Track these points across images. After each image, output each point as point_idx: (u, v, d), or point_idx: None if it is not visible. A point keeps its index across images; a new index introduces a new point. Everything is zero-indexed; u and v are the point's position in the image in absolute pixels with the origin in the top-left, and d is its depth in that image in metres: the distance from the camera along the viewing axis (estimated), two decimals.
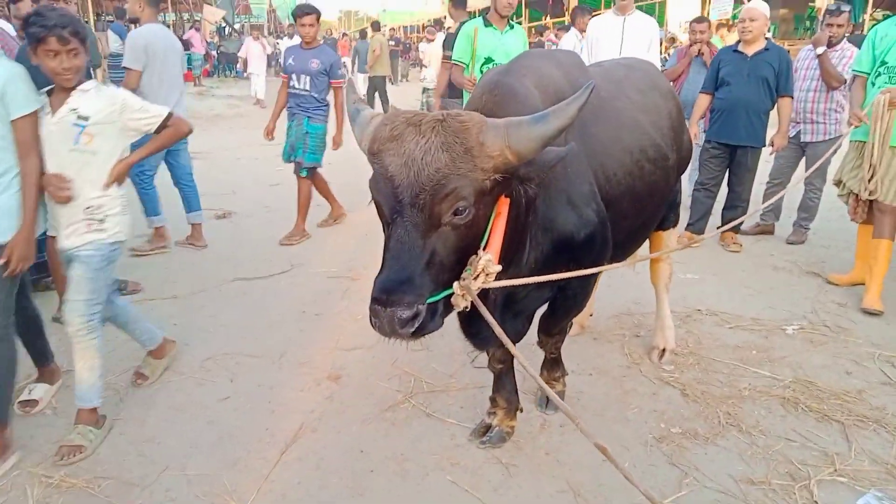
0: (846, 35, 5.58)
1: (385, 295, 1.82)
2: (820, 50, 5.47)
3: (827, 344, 4.02)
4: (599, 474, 2.82)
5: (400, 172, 1.89)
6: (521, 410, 3.16)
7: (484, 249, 2.00)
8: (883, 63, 4.44)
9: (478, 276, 1.94)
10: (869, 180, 4.46)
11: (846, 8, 5.47)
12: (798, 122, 5.75)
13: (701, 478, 2.80)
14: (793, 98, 5.45)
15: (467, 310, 2.01)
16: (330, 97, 5.97)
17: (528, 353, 3.41)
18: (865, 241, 4.76)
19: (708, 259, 5.55)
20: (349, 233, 6.32)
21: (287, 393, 3.50)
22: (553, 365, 3.31)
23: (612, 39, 5.92)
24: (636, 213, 2.97)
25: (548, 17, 27.86)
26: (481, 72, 5.30)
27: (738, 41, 5.57)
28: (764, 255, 5.74)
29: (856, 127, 4.50)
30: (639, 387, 3.52)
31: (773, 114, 5.59)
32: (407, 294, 1.82)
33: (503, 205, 2.09)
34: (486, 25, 5.31)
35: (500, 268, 2.01)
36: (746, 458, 2.94)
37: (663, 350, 3.78)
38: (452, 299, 1.97)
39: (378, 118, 2.06)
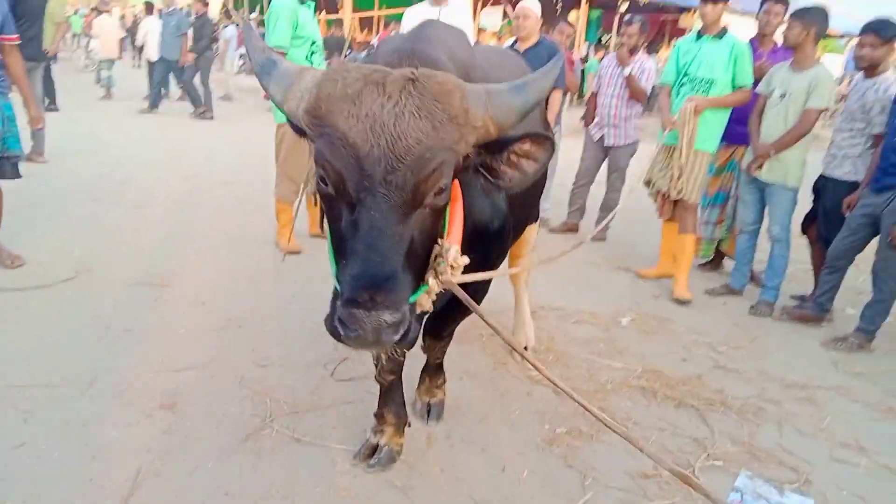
0: (642, 45, 6.09)
1: (368, 295, 1.44)
2: (626, 71, 5.92)
3: (658, 333, 4.30)
4: (501, 487, 2.64)
5: (365, 141, 1.51)
6: (409, 425, 2.85)
7: (443, 238, 1.71)
8: (686, 74, 4.90)
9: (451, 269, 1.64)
10: (677, 180, 4.89)
11: (637, 19, 5.98)
12: (603, 126, 6.17)
13: (599, 477, 2.76)
14: (561, 90, 5.83)
15: (429, 311, 1.69)
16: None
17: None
18: (670, 237, 5.22)
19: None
20: (147, 232, 5.41)
21: (109, 430, 2.78)
22: (437, 371, 3.06)
23: None
24: (524, 202, 2.84)
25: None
26: (309, 60, 4.85)
27: (516, 40, 5.81)
28: (576, 252, 6.04)
29: (668, 132, 4.90)
30: (512, 388, 3.42)
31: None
32: (392, 292, 1.46)
33: (456, 188, 1.80)
34: (301, 2, 4.84)
35: (467, 260, 1.72)
36: (631, 452, 2.95)
37: (525, 348, 3.73)
38: (419, 298, 1.64)
39: (313, 73, 1.65)
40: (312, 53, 4.92)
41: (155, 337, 3.63)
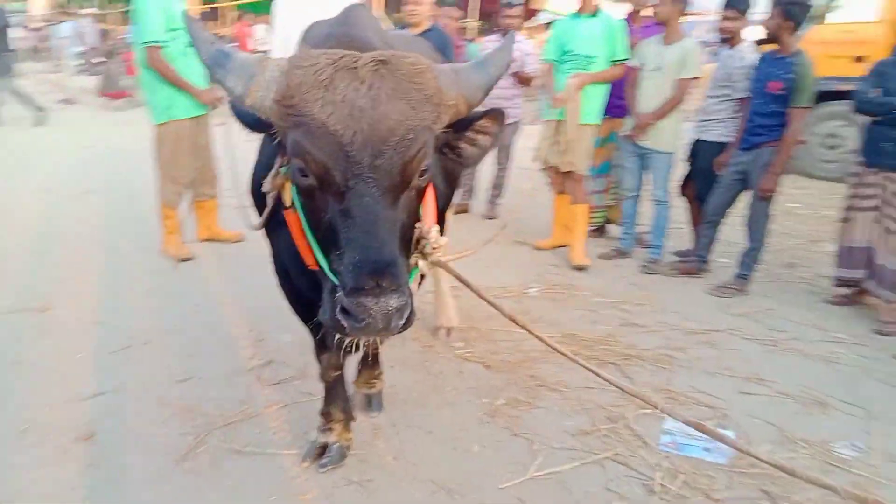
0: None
1: (374, 281, 1.39)
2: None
3: (566, 300, 4.50)
4: (456, 464, 2.68)
5: (347, 127, 1.46)
6: (355, 419, 2.80)
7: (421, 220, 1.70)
8: (567, 52, 5.11)
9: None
10: (565, 154, 5.10)
11: (518, 1, 6.16)
12: None
13: (545, 440, 2.86)
14: None
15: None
16: None
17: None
18: (563, 209, 5.45)
19: None
20: (12, 253, 4.87)
21: (21, 474, 2.51)
22: (374, 363, 3.01)
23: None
24: (454, 181, 2.87)
25: None
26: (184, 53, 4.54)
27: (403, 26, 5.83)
28: (472, 230, 6.18)
29: (556, 108, 5.09)
30: (444, 369, 3.45)
31: None
32: (397, 277, 1.43)
33: None
34: None
35: (447, 240, 1.72)
36: (569, 413, 3.10)
37: (449, 329, 3.76)
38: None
39: (276, 62, 1.57)
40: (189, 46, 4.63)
41: (50, 366, 3.31)
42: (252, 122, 1.65)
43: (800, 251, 5.84)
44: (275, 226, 2.20)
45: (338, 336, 1.75)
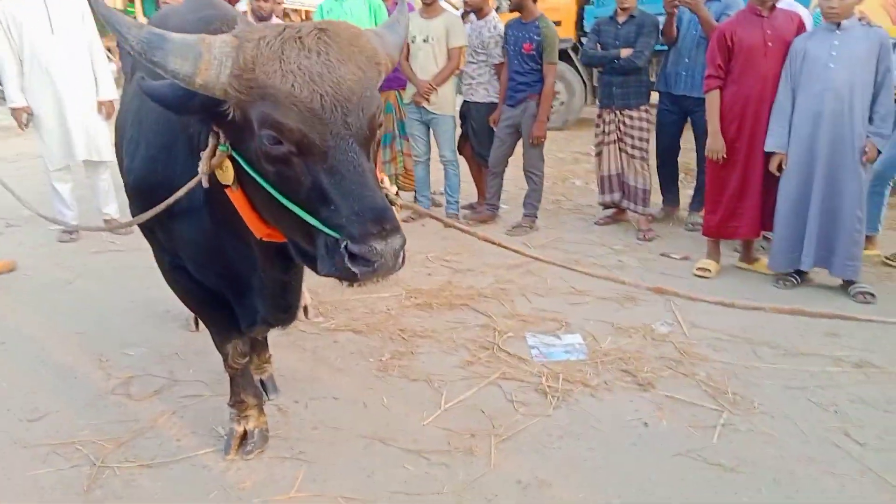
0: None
1: (382, 225, 1.49)
2: None
3: None
4: (377, 417, 2.82)
5: (313, 93, 1.52)
6: (265, 401, 2.77)
7: None
8: None
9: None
10: None
11: None
12: None
13: (440, 377, 3.12)
14: None
15: None
16: None
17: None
18: None
19: None
20: None
21: None
22: (263, 347, 2.97)
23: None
24: None
25: None
26: None
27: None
28: None
29: None
30: (318, 343, 3.49)
31: None
32: (394, 218, 1.54)
33: None
34: None
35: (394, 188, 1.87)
36: (447, 351, 3.39)
37: (305, 307, 3.79)
38: None
39: (218, 39, 1.57)
40: None
41: None
42: (179, 102, 1.63)
43: (557, 188, 6.83)
44: (169, 219, 2.11)
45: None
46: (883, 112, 3.85)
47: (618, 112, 5.25)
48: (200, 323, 3.61)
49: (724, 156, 4.26)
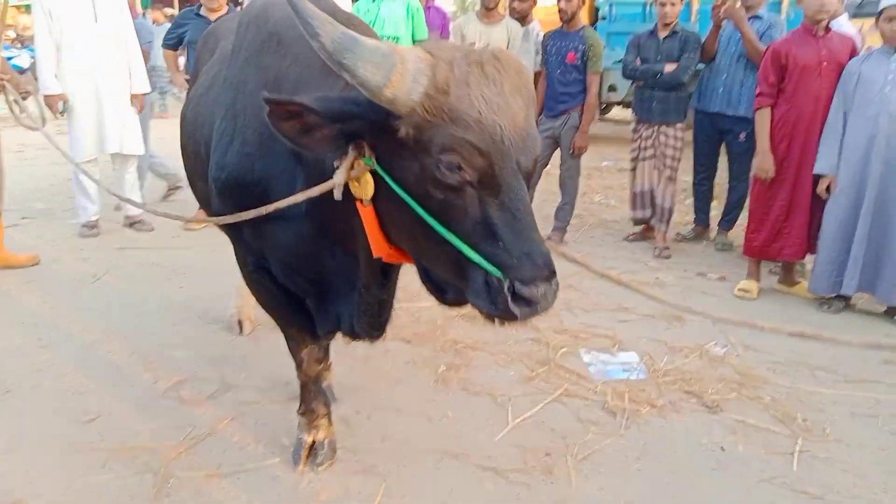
0: None
1: (551, 268, 1.48)
2: None
3: None
4: (444, 431, 2.72)
5: (496, 124, 1.45)
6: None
7: None
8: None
9: None
10: None
11: None
12: None
13: (502, 392, 3.03)
14: None
15: None
16: None
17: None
18: None
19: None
20: None
21: None
22: (326, 354, 2.85)
23: None
24: None
25: None
26: None
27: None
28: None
29: None
30: (371, 353, 3.35)
31: None
32: (552, 262, 1.50)
33: None
34: None
35: None
36: (504, 365, 3.31)
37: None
38: None
39: (411, 52, 1.49)
40: None
41: None
42: (342, 113, 1.53)
43: (579, 203, 6.78)
44: (265, 220, 2.01)
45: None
46: None
47: (656, 127, 5.22)
48: (245, 327, 3.52)
49: (773, 175, 4.23)
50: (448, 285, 1.69)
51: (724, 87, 5.07)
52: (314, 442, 2.48)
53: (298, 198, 1.77)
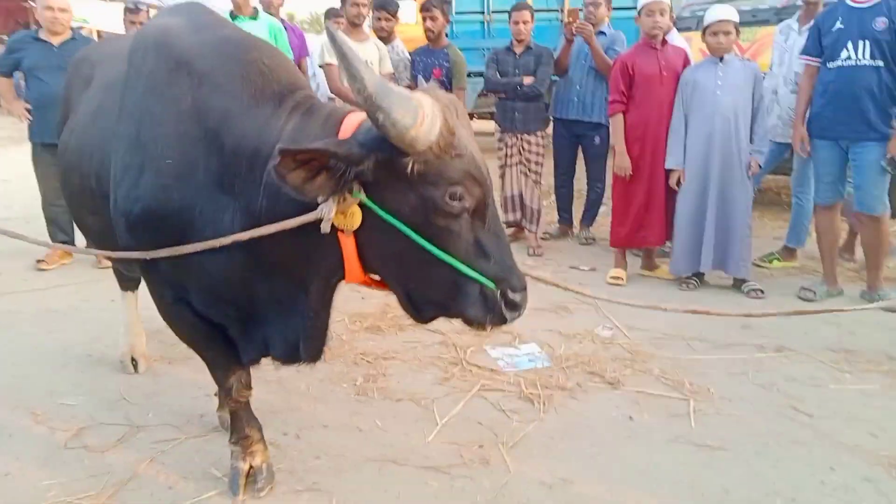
0: None
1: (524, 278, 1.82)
2: None
3: None
4: (381, 441, 2.75)
5: (482, 159, 1.75)
6: None
7: None
8: None
9: None
10: None
11: None
12: None
13: (420, 396, 3.11)
14: None
15: None
16: None
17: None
18: None
19: None
20: None
21: None
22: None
23: None
24: None
25: None
26: None
27: None
28: None
29: None
30: (283, 375, 3.29)
31: None
32: None
33: None
34: None
35: None
36: (418, 370, 3.39)
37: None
38: None
39: (423, 98, 1.64)
40: None
41: None
42: (362, 152, 1.64)
43: None
44: (188, 255, 1.96)
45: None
46: (761, 133, 4.48)
47: (519, 136, 5.57)
48: (140, 365, 3.32)
49: (631, 173, 4.68)
50: (427, 305, 1.84)
51: (578, 97, 5.55)
52: (251, 468, 2.41)
53: (270, 229, 1.78)
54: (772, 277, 4.90)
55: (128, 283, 3.28)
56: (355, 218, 1.70)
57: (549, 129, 6.00)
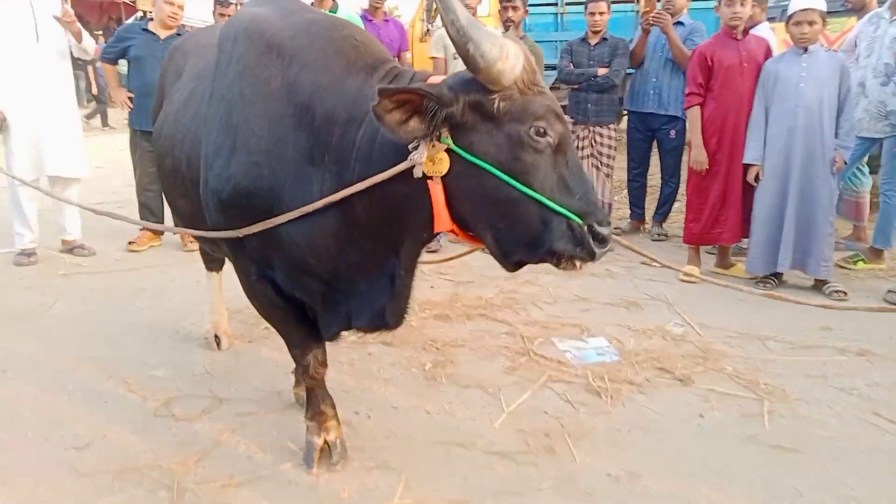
0: None
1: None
2: None
3: None
4: (447, 423, 2.81)
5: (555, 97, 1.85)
6: None
7: None
8: None
9: None
10: None
11: None
12: None
13: (491, 384, 3.15)
14: None
15: None
16: None
17: None
18: None
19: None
20: None
21: None
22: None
23: None
24: None
25: None
26: None
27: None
28: None
29: None
30: (354, 357, 3.43)
31: None
32: None
33: None
34: None
35: None
36: (485, 359, 3.43)
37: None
38: None
39: (510, 41, 1.73)
40: None
41: None
42: (451, 97, 1.71)
43: None
44: (278, 227, 2.07)
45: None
46: (847, 127, 4.29)
47: (591, 128, 5.52)
48: (223, 342, 3.49)
49: (707, 167, 4.57)
50: (514, 247, 1.84)
51: (655, 90, 5.44)
52: (326, 443, 2.51)
53: (365, 184, 1.87)
54: (856, 280, 4.69)
55: (213, 264, 3.46)
56: (443, 164, 1.77)
57: (624, 123, 5.91)
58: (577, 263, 1.77)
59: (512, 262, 1.89)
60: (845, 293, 4.28)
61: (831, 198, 4.33)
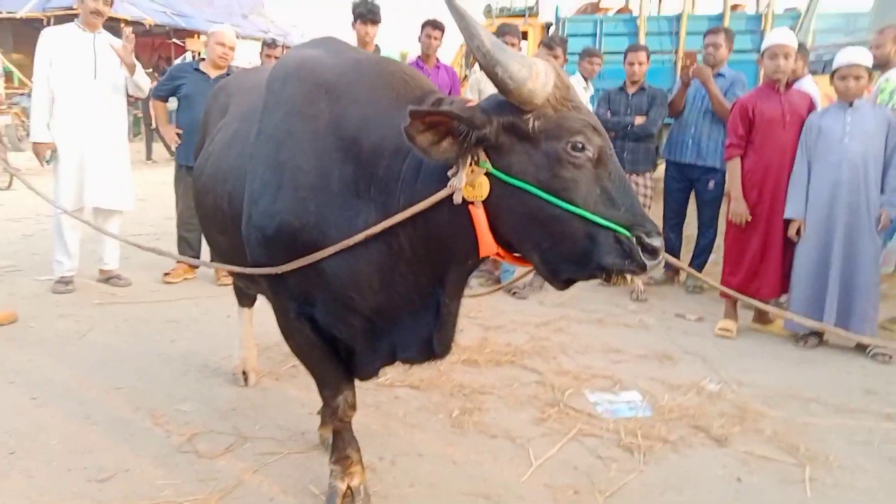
0: None
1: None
2: None
3: None
4: (474, 474, 2.74)
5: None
6: None
7: None
8: None
9: None
10: None
11: None
12: None
13: (519, 434, 3.07)
14: None
15: None
16: None
17: None
18: None
19: None
20: None
21: None
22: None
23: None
24: None
25: None
26: None
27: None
28: None
29: None
30: (381, 399, 3.39)
31: None
32: None
33: None
34: None
35: None
36: (514, 407, 3.36)
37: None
38: None
39: (540, 60, 1.74)
40: None
41: None
42: (483, 119, 1.72)
43: None
44: (321, 262, 2.06)
45: None
46: (894, 183, 4.18)
47: (627, 176, 5.48)
48: (251, 378, 3.48)
49: (748, 219, 4.49)
50: (563, 264, 1.80)
51: (693, 140, 5.40)
52: (349, 488, 2.46)
53: (406, 214, 1.87)
54: None
55: (245, 300, 3.47)
56: (483, 188, 1.76)
57: (658, 172, 5.87)
58: (628, 277, 1.73)
59: (561, 281, 1.85)
60: (890, 357, 4.12)
61: (876, 255, 4.20)
